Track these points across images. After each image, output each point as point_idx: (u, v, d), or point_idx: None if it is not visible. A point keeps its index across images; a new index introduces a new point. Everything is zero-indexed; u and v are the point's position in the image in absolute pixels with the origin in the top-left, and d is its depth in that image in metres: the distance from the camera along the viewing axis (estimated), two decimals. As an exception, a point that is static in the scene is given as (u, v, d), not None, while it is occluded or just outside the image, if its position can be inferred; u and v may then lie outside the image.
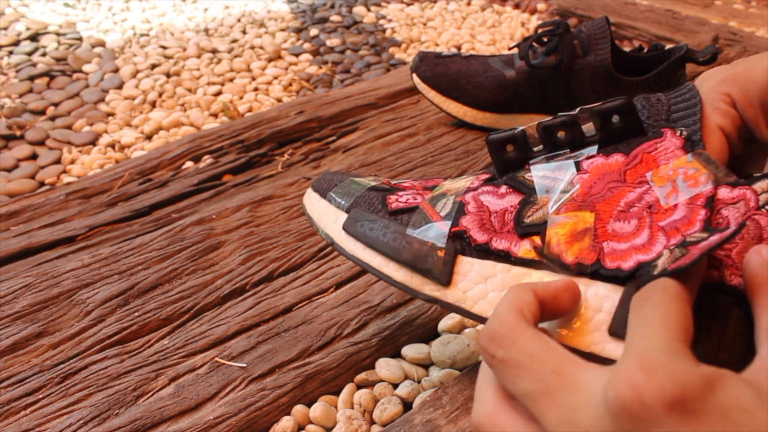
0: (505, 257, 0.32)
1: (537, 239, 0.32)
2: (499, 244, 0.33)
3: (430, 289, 0.34)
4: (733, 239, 0.27)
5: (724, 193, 0.29)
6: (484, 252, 0.33)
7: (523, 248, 0.32)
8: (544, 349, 0.24)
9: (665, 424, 0.20)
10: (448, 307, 0.34)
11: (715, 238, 0.25)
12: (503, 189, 0.34)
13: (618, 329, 0.28)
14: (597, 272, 0.29)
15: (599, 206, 0.31)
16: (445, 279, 0.34)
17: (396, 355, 0.48)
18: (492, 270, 0.33)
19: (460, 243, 0.34)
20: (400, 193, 0.38)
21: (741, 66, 0.34)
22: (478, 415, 0.27)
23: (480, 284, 0.33)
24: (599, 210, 0.31)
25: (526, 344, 0.25)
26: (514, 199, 0.33)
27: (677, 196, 0.29)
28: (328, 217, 0.40)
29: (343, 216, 0.39)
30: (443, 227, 0.34)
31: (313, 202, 0.42)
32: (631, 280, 0.28)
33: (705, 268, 0.27)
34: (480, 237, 0.33)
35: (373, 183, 0.41)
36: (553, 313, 0.29)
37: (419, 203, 0.37)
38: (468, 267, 0.33)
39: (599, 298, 0.29)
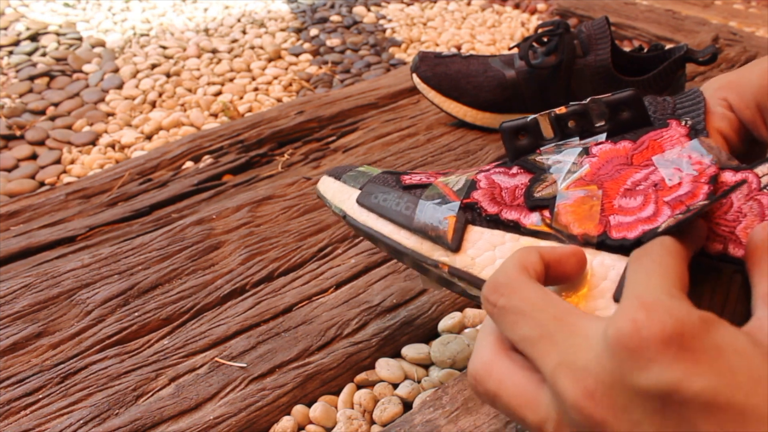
0: (514, 227, 0.34)
1: (546, 212, 0.33)
2: (509, 215, 0.34)
3: (439, 254, 0.35)
4: (737, 217, 0.29)
5: (727, 176, 0.30)
6: (494, 222, 0.34)
7: (532, 220, 0.33)
8: (544, 298, 0.25)
9: (662, 359, 0.20)
10: (456, 273, 0.35)
11: (716, 197, 0.27)
12: (514, 169, 0.36)
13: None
14: (603, 242, 0.30)
15: (607, 184, 0.32)
16: (455, 245, 0.35)
17: (396, 355, 0.48)
18: (501, 239, 0.34)
19: (471, 214, 0.35)
20: (413, 175, 0.40)
21: (737, 73, 0.36)
22: (475, 364, 0.27)
23: (488, 251, 0.34)
24: (607, 188, 0.32)
25: (527, 292, 0.25)
26: (524, 178, 0.35)
27: (682, 175, 0.30)
28: (341, 194, 0.42)
29: (357, 192, 0.41)
30: (455, 198, 0.36)
31: (327, 184, 0.44)
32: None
33: (703, 237, 0.28)
34: (491, 208, 0.34)
35: (387, 169, 0.43)
36: (558, 277, 0.29)
37: (432, 181, 0.38)
38: (477, 235, 0.35)
39: (605, 267, 0.30)
